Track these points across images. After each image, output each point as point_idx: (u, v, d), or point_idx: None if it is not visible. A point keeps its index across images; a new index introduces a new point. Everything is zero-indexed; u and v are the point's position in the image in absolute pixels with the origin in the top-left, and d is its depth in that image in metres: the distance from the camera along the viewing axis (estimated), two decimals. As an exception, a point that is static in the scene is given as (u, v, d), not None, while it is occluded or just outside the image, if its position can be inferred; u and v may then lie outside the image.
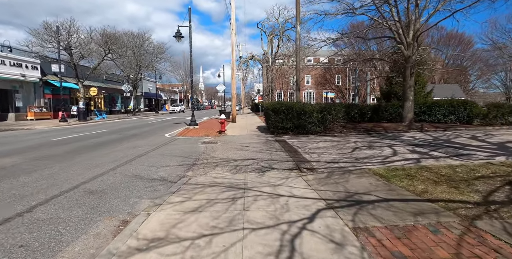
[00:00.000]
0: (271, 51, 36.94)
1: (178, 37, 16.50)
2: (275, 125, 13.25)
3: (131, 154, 8.85)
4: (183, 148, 10.24)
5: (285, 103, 13.51)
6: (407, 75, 14.29)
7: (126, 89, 32.87)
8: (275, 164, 7.16)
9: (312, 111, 13.03)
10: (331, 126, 13.61)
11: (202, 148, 10.20)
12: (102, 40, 24.68)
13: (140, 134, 14.94)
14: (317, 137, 12.47)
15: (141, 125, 20.76)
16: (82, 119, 23.55)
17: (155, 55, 35.54)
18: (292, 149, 9.26)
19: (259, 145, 10.42)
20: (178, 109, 51.22)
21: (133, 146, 10.58)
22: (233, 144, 10.83)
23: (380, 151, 8.59)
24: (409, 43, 13.71)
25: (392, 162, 6.99)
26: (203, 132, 15.12)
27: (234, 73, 20.83)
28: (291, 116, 13.11)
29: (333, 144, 10.25)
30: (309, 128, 13.04)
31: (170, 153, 9.16)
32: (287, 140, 11.51)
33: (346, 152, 8.50)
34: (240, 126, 18.38)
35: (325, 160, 7.41)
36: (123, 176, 6.22)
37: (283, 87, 54.15)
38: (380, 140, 10.86)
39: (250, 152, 8.96)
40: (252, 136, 13.42)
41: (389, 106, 17.02)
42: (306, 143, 10.70)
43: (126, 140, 12.48)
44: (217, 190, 5.04)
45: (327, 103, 13.91)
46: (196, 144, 11.14)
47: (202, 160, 7.95)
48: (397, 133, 13.10)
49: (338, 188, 4.92)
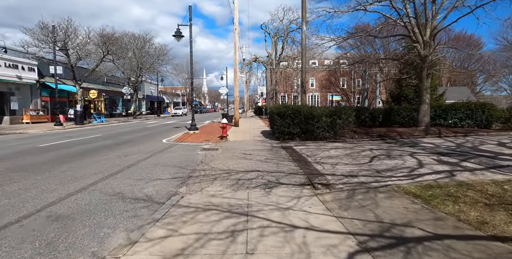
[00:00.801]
0: (275, 53, 36.00)
1: (177, 36, 15.57)
2: (281, 130, 12.22)
3: (120, 164, 7.85)
4: (179, 156, 9.22)
5: (291, 107, 12.49)
6: (423, 76, 13.22)
7: (127, 91, 32.01)
8: (283, 178, 6.12)
9: (321, 115, 12.00)
10: (342, 131, 12.55)
11: (201, 156, 9.19)
12: (100, 40, 23.85)
13: (136, 139, 13.96)
14: (327, 143, 11.42)
15: (139, 129, 19.81)
16: (79, 123, 22.65)
17: (156, 57, 34.66)
18: (301, 158, 8.22)
19: (263, 153, 9.38)
20: (181, 112, 50.33)
21: (125, 154, 9.59)
22: (235, 152, 9.81)
23: (402, 161, 7.52)
24: (426, 42, 12.66)
25: (421, 176, 5.92)
26: (203, 137, 14.12)
27: (237, 75, 19.86)
28: (298, 120, 12.09)
29: (346, 152, 9.18)
30: (318, 134, 12.01)
31: (165, 162, 8.15)
32: (294, 147, 10.47)
33: (364, 163, 7.44)
34: (243, 131, 17.37)
35: (341, 173, 6.36)
36: (102, 194, 5.21)
37: (287, 90, 53.19)
38: (398, 148, 9.79)
39: (254, 162, 7.93)
40: (256, 142, 12.39)
41: (401, 110, 15.93)
42: (316, 150, 9.65)
43: (119, 146, 11.50)
44: (212, 216, 4.01)
45: (337, 107, 12.87)
46: (194, 151, 10.13)
47: (199, 172, 6.93)
48: (414, 139, 12.01)
49: (367, 215, 3.87)
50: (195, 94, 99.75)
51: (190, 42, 15.35)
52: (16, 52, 23.40)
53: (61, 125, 20.46)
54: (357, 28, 33.37)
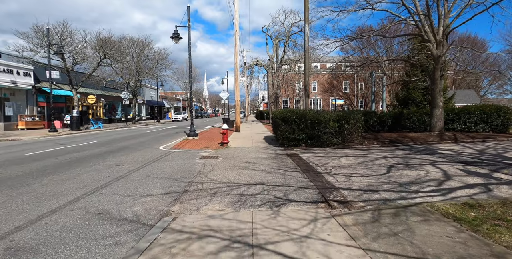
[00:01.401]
0: (276, 56, 35.34)
1: (175, 38, 14.88)
2: (285, 136, 11.44)
3: (109, 176, 7.06)
4: (176, 165, 8.43)
5: (296, 111, 11.71)
6: (436, 78, 12.44)
7: (125, 96, 31.32)
8: (292, 193, 5.32)
9: (328, 120, 11.22)
10: (350, 137, 11.75)
11: (199, 165, 8.40)
12: (97, 44, 23.20)
13: (131, 146, 13.19)
14: (335, 150, 10.61)
15: (137, 135, 19.05)
16: (75, 129, 21.91)
17: (156, 61, 34.02)
18: (309, 168, 7.41)
19: (268, 162, 8.58)
20: (181, 117, 49.68)
21: (117, 163, 8.81)
22: (237, 160, 9.02)
23: (425, 172, 6.70)
24: (439, 41, 11.91)
25: (453, 191, 5.11)
26: (203, 144, 13.34)
27: (238, 79, 19.14)
28: (304, 125, 11.31)
29: (359, 160, 8.38)
30: (325, 140, 11.22)
31: (159, 174, 7.35)
32: (301, 155, 9.67)
33: (381, 174, 6.63)
34: (245, 137, 16.58)
35: (358, 187, 5.55)
36: (81, 215, 4.42)
37: (289, 94, 52.51)
38: (414, 155, 8.97)
39: (257, 173, 7.13)
40: (259, 149, 11.60)
41: (412, 114, 15.13)
42: (325, 159, 8.84)
43: (112, 154, 10.72)
44: (209, 246, 3.21)
45: (344, 111, 12.08)
46: (193, 160, 9.34)
47: (197, 185, 6.14)
48: (428, 145, 11.20)
49: (405, 248, 3.06)
50: (196, 99, 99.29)
51: (189, 44, 14.64)
52: (11, 56, 22.77)
53: (55, 131, 19.72)
54: (361, 31, 32.75)
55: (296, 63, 34.19)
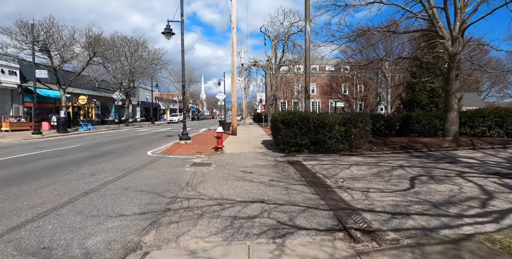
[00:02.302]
0: (275, 57, 34.29)
1: (167, 33, 13.76)
2: (286, 140, 10.33)
3: (77, 189, 5.90)
4: (162, 175, 7.28)
5: (298, 113, 10.62)
6: (451, 78, 11.39)
7: (118, 97, 30.09)
8: (299, 216, 4.20)
9: (334, 123, 10.14)
10: (357, 142, 10.66)
11: (188, 174, 7.27)
12: (86, 41, 22.00)
13: (117, 151, 12.02)
14: (343, 157, 9.51)
15: (126, 138, 17.86)
16: (62, 131, 20.67)
17: (150, 62, 32.83)
18: (317, 180, 6.29)
19: (267, 171, 7.46)
20: (177, 119, 48.51)
21: (94, 172, 7.64)
22: (232, 169, 7.89)
23: (457, 186, 5.59)
24: (455, 38, 10.87)
25: (506, 216, 4.00)
26: (195, 149, 12.19)
27: (235, 79, 18.03)
28: (307, 129, 10.21)
29: (373, 170, 7.27)
30: (330, 145, 10.12)
31: (139, 186, 6.20)
32: (304, 163, 8.55)
33: (404, 188, 5.52)
34: (242, 141, 15.45)
35: (382, 208, 4.43)
36: (17, 251, 3.27)
37: (287, 96, 51.47)
38: (435, 164, 7.88)
39: (255, 185, 6.00)
40: (257, 155, 10.47)
41: (421, 117, 14.08)
42: (333, 167, 7.73)
43: (93, 160, 9.55)
44: None
45: (352, 113, 10.99)
46: (182, 168, 8.20)
47: (182, 202, 5.01)
48: (445, 151, 10.12)
49: None
50: (193, 101, 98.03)
51: (182, 40, 13.53)
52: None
53: (39, 134, 18.49)
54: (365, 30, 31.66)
55: (295, 64, 33.13)
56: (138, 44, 31.25)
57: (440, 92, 20.30)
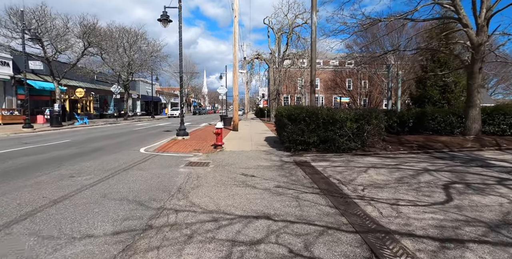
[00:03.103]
0: (278, 50, 33.13)
1: (164, 21, 12.71)
2: (293, 138, 9.34)
3: (46, 196, 4.95)
4: (151, 177, 6.33)
5: (306, 108, 9.62)
6: (474, 71, 10.33)
7: (116, 90, 29.12)
8: (318, 242, 3.22)
9: (345, 119, 9.14)
10: (371, 141, 9.66)
11: (181, 177, 6.31)
12: (81, 31, 20.91)
13: (107, 147, 11.07)
14: (356, 157, 8.52)
15: (122, 133, 16.93)
16: (55, 124, 19.72)
17: (149, 54, 31.71)
18: (331, 187, 5.32)
19: (272, 174, 6.48)
20: (177, 113, 47.52)
21: (74, 173, 6.69)
22: (232, 170, 6.92)
23: (506, 199, 4.60)
24: (481, 26, 9.78)
25: None
26: (193, 146, 11.23)
27: (236, 71, 16.99)
28: (315, 126, 9.22)
29: (395, 174, 6.28)
30: (341, 144, 9.13)
31: (121, 192, 5.25)
32: (314, 164, 7.57)
33: (441, 201, 4.53)
34: (243, 137, 14.47)
35: (424, 231, 3.45)
36: None
37: (290, 91, 50.33)
38: (465, 168, 6.88)
39: (259, 193, 5.04)
40: (260, 154, 9.49)
41: (437, 113, 13.02)
42: (348, 170, 6.75)
43: (77, 158, 8.60)
44: None
45: (365, 109, 9.98)
46: (175, 168, 7.24)
47: (168, 216, 4.06)
48: (469, 152, 9.10)
49: None
50: (194, 95, 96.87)
51: (180, 28, 12.48)
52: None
53: (30, 128, 17.56)
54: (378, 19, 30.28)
55: (299, 58, 31.97)
56: (137, 35, 30.11)
57: (452, 87, 19.23)
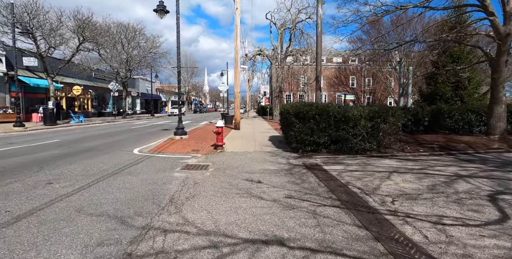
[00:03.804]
0: (281, 46, 32.16)
1: (160, 11, 11.82)
2: (301, 138, 8.44)
3: (10, 210, 4.08)
4: (140, 184, 5.46)
5: (316, 105, 8.72)
6: (500, 64, 9.41)
7: (114, 87, 28.25)
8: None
9: (359, 117, 8.25)
10: (387, 141, 8.77)
11: (175, 184, 5.44)
12: (75, 25, 20.00)
13: (99, 147, 10.21)
14: (372, 160, 7.63)
15: (118, 132, 16.07)
16: (49, 123, 18.88)
17: (148, 50, 30.76)
18: (353, 198, 4.44)
19: (280, 181, 5.60)
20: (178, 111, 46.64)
21: (53, 178, 5.83)
22: (234, 175, 6.05)
23: None
24: (509, 14, 8.85)
25: None
26: (191, 146, 10.36)
27: (238, 66, 16.07)
28: (326, 124, 8.33)
29: (423, 181, 5.39)
30: (354, 144, 8.24)
31: (101, 204, 4.38)
32: (326, 168, 6.69)
33: (496, 218, 3.64)
34: (246, 136, 13.59)
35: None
36: None
37: (293, 88, 49.38)
38: (503, 173, 5.97)
39: (267, 207, 4.16)
40: (265, 155, 8.61)
41: (454, 111, 12.10)
42: (367, 176, 5.86)
43: (61, 161, 7.74)
44: None
45: (381, 106, 9.05)
46: (170, 173, 6.38)
47: (154, 240, 3.19)
48: (497, 154, 8.18)
49: None
50: (195, 93, 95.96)
51: (177, 19, 11.57)
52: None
53: (22, 126, 16.72)
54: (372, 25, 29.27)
55: (303, 54, 30.99)
56: (136, 31, 29.17)
57: (466, 84, 18.27)
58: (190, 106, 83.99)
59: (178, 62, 11.97)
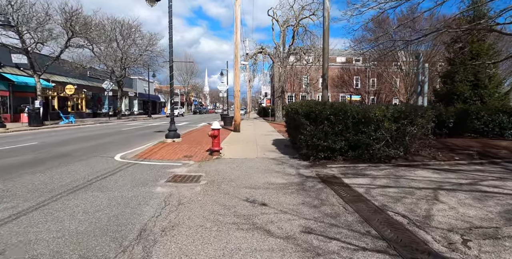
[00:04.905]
0: (283, 44, 30.82)
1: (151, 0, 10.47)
2: (312, 143, 7.04)
3: None
4: (106, 206, 4.08)
5: (330, 103, 7.34)
6: (545, 56, 8.01)
7: (108, 87, 26.93)
8: None
9: (383, 118, 6.85)
10: (416, 147, 7.37)
11: (153, 206, 4.07)
12: (62, 18, 18.63)
13: (76, 152, 8.84)
14: (401, 170, 6.23)
15: (106, 134, 14.71)
16: (35, 124, 17.53)
17: (144, 48, 29.39)
18: (404, 235, 3.04)
19: (292, 202, 4.21)
20: (177, 113, 45.27)
21: (-4, 196, 4.46)
22: (231, 193, 4.66)
23: None
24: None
25: None
26: (184, 151, 8.98)
27: (238, 62, 14.71)
28: (343, 127, 6.95)
29: (487, 203, 3.99)
30: (376, 150, 6.83)
31: (37, 242, 3.00)
32: (348, 181, 5.30)
33: None
34: (246, 140, 12.21)
35: None
36: None
37: (295, 89, 48.01)
38: None
39: (277, 250, 2.76)
40: (269, 163, 7.22)
41: (483, 111, 10.72)
42: (405, 194, 4.46)
43: (22, 170, 6.37)
44: None
45: (407, 105, 7.62)
46: (150, 188, 5.00)
47: None
48: (551, 163, 6.80)
49: None
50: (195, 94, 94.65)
51: (170, 7, 10.22)
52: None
53: (3, 127, 15.38)
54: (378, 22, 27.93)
55: (306, 53, 29.61)
56: (131, 28, 27.83)
57: (486, 82, 16.88)
58: (190, 107, 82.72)
59: (171, 55, 10.61)
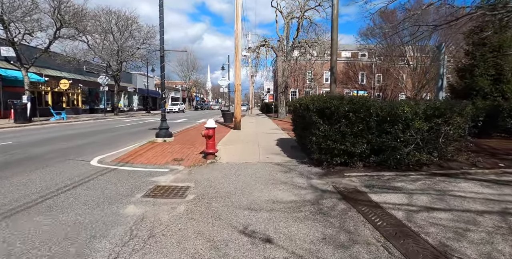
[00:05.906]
0: (287, 37, 29.41)
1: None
2: (326, 146, 5.76)
3: None
4: (46, 241, 2.85)
5: (348, 98, 6.05)
6: None
7: (103, 81, 25.69)
8: None
9: (412, 116, 5.56)
10: (451, 151, 6.08)
11: (110, 244, 2.84)
12: (50, 5, 17.32)
13: (49, 154, 7.62)
14: (440, 181, 4.96)
15: (95, 132, 13.49)
16: (21, 121, 16.35)
17: (142, 41, 28.09)
18: None
19: (308, 237, 2.96)
20: (177, 109, 44.02)
21: None
22: (223, 217, 3.40)
23: None
24: None
25: None
26: (174, 153, 7.75)
27: (239, 53, 13.38)
28: (364, 126, 5.68)
29: None
30: (404, 155, 5.56)
31: None
32: (377, 199, 4.04)
33: None
34: (247, 139, 10.97)
35: None
36: None
37: (299, 84, 46.56)
38: None
39: None
40: (274, 170, 5.96)
41: (518, 109, 9.41)
42: (466, 224, 3.20)
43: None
44: None
45: (441, 100, 6.26)
46: (119, 208, 3.77)
47: None
48: None
49: None
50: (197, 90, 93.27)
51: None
52: None
53: (-17, 124, 14.20)
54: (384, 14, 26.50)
55: (311, 46, 28.18)
56: (128, 20, 26.50)
57: (508, 76, 15.52)
58: (192, 103, 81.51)
59: (162, 44, 9.33)
